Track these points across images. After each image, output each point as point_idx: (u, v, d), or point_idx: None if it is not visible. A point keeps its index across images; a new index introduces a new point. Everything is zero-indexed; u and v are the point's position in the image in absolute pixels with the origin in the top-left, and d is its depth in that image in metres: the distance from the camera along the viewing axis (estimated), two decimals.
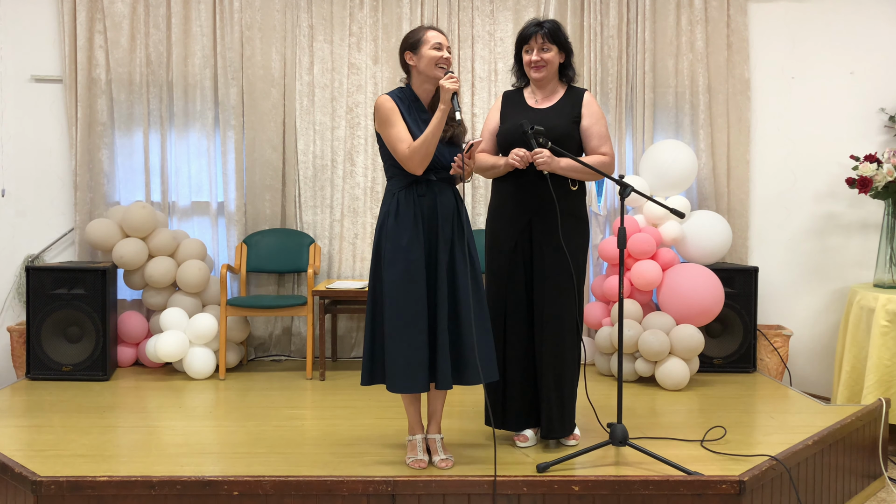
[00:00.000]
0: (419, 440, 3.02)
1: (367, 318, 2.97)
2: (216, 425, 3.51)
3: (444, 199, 2.93)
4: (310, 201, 4.93)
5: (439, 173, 2.92)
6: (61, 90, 4.81)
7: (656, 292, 4.48)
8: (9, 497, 2.87)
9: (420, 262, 2.86)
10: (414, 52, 2.92)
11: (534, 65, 3.15)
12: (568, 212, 3.12)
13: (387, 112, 2.89)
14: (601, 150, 3.14)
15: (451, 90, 2.79)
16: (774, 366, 4.59)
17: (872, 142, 4.85)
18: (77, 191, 4.76)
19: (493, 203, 3.25)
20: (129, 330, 4.58)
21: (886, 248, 4.34)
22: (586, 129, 3.15)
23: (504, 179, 3.19)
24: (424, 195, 2.91)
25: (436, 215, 2.90)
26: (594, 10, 4.85)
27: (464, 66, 4.91)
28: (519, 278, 3.14)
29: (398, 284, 2.85)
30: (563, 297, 3.09)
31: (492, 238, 3.21)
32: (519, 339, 3.15)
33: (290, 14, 4.86)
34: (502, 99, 3.30)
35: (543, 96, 3.22)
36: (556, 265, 3.09)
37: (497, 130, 3.24)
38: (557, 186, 3.10)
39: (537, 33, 3.12)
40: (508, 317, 3.15)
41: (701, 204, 4.88)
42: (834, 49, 4.87)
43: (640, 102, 4.87)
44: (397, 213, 2.90)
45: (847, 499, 3.34)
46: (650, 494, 2.74)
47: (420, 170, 2.85)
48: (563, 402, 3.12)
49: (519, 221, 3.13)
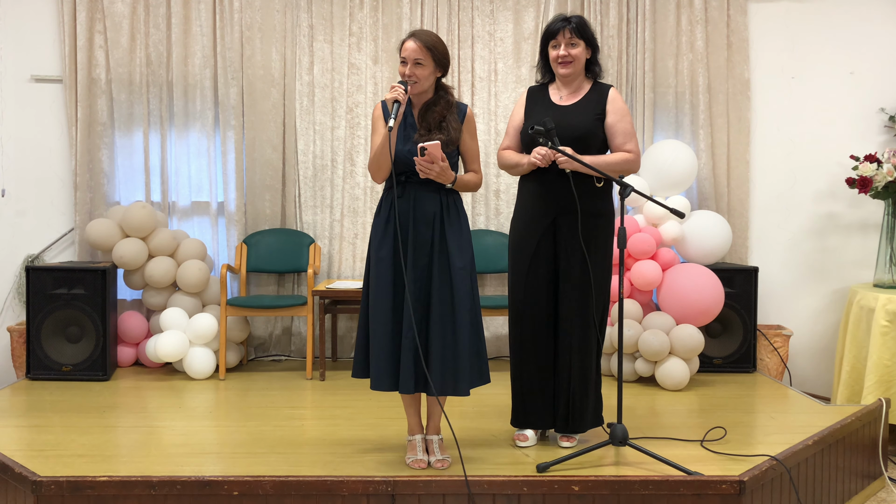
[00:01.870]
0: (419, 440, 3.03)
1: (360, 315, 3.03)
2: (216, 425, 3.51)
3: (424, 202, 2.93)
4: (310, 201, 4.93)
5: (413, 176, 2.93)
6: (61, 90, 4.81)
7: (656, 292, 4.48)
8: (9, 497, 2.87)
9: (387, 262, 2.90)
10: None
11: (561, 60, 3.13)
12: (592, 211, 3.12)
13: (373, 119, 3.00)
14: (626, 148, 3.13)
15: (389, 100, 2.85)
16: (774, 366, 4.59)
17: (872, 142, 4.85)
18: (77, 191, 4.76)
19: (519, 202, 3.25)
20: (129, 330, 4.58)
21: (886, 248, 4.34)
22: (611, 127, 3.14)
23: (528, 178, 3.20)
24: (401, 196, 2.94)
25: (410, 218, 2.92)
26: (594, 10, 4.85)
27: (464, 66, 4.91)
28: (543, 277, 3.15)
29: (373, 285, 2.94)
30: (587, 297, 3.11)
31: (516, 237, 3.21)
32: (542, 338, 3.16)
33: (290, 14, 4.86)
34: (527, 95, 3.28)
35: (569, 92, 3.20)
36: (581, 264, 3.10)
37: (521, 127, 3.22)
38: (582, 185, 3.09)
39: (565, 28, 3.10)
40: (532, 316, 3.15)
41: (701, 204, 4.88)
42: (834, 49, 4.87)
43: (640, 102, 4.87)
44: (378, 214, 2.99)
45: (847, 499, 3.34)
46: (650, 494, 2.74)
47: (379, 180, 2.95)
48: (588, 396, 3.15)
49: (543, 220, 3.13)
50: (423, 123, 2.95)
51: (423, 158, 2.84)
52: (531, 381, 3.19)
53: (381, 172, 2.92)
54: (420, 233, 2.91)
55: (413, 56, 2.89)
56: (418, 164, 2.85)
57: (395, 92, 2.84)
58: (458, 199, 3.02)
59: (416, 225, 2.91)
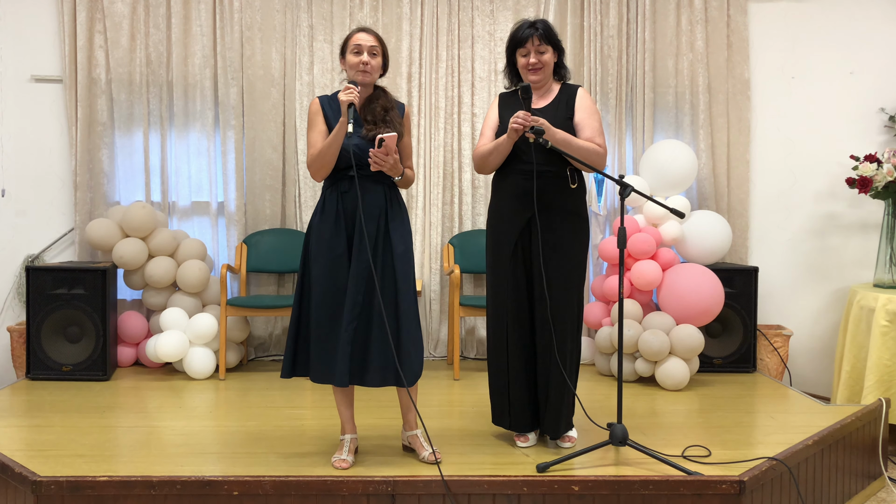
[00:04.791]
0: (347, 440, 3.03)
1: (292, 311, 3.00)
2: (216, 425, 3.51)
3: (371, 196, 2.94)
4: (310, 201, 4.93)
5: (362, 170, 2.93)
6: (61, 90, 4.81)
7: (656, 292, 4.48)
8: (9, 497, 2.87)
9: (343, 257, 2.91)
10: (343, 56, 2.99)
11: (531, 67, 3.14)
12: (568, 210, 3.12)
13: (310, 115, 2.99)
14: (595, 142, 3.13)
15: (345, 102, 2.83)
16: (774, 366, 4.59)
17: (872, 142, 4.85)
18: (77, 191, 4.76)
19: (494, 202, 3.24)
20: (129, 330, 4.58)
21: (886, 248, 4.34)
22: (579, 122, 3.14)
23: (504, 177, 3.19)
24: (347, 191, 2.94)
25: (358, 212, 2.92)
26: (594, 10, 4.85)
27: (464, 66, 4.91)
28: (520, 277, 3.14)
29: (322, 279, 2.91)
30: (563, 296, 3.09)
31: (492, 237, 3.20)
32: (521, 339, 3.15)
33: (290, 14, 4.87)
34: (499, 101, 3.29)
35: (539, 96, 3.21)
36: (556, 264, 3.09)
37: (497, 127, 3.23)
38: (557, 184, 3.10)
39: (533, 35, 3.10)
40: (511, 317, 3.14)
41: (701, 204, 4.88)
42: (834, 49, 4.87)
43: (640, 102, 4.87)
44: (323, 210, 2.96)
45: (847, 499, 3.34)
46: (650, 494, 2.74)
47: (319, 178, 2.95)
48: (564, 399, 3.12)
49: (519, 220, 3.13)
50: (369, 117, 2.96)
51: (379, 150, 2.83)
52: (507, 381, 3.17)
53: (324, 169, 2.92)
54: (367, 227, 2.92)
55: (369, 46, 2.93)
56: (373, 156, 2.84)
57: (351, 94, 2.84)
58: (399, 193, 3.06)
59: (365, 219, 2.91)
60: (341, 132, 2.85)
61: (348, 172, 2.93)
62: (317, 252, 2.94)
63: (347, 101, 2.83)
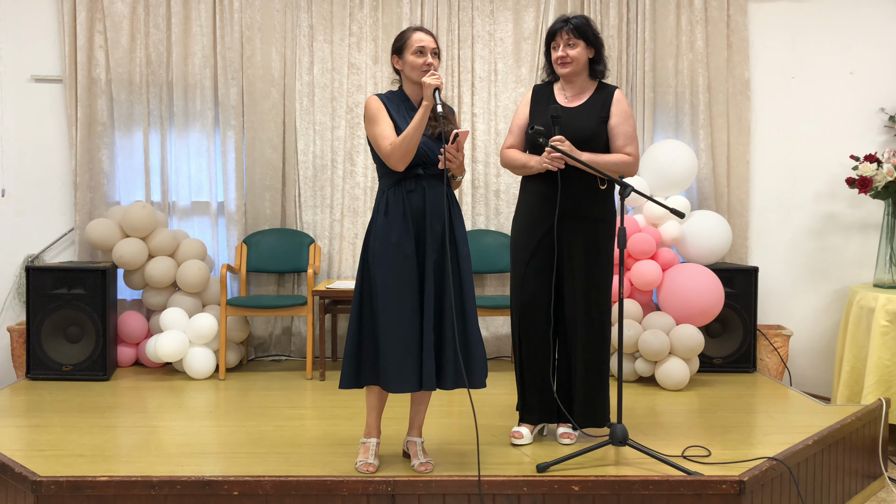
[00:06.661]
0: (373, 444, 2.99)
1: (352, 318, 2.91)
2: (216, 425, 3.51)
3: (435, 195, 2.89)
4: (310, 201, 4.93)
5: (428, 169, 2.89)
6: (61, 90, 4.81)
7: (656, 292, 4.48)
8: (9, 497, 2.87)
9: (412, 259, 2.84)
10: (400, 55, 2.94)
11: (560, 61, 3.16)
12: (595, 215, 3.16)
13: (373, 111, 2.89)
14: (626, 150, 3.16)
15: (432, 86, 2.77)
16: (774, 366, 4.59)
17: (872, 142, 4.85)
18: (77, 191, 4.76)
19: (521, 202, 3.27)
20: (129, 330, 4.58)
21: (886, 248, 4.34)
22: (613, 128, 3.17)
23: (532, 179, 3.22)
24: (413, 191, 2.89)
25: (424, 212, 2.88)
26: (594, 10, 4.85)
27: (464, 66, 4.91)
28: (544, 276, 3.17)
29: (390, 283, 2.83)
30: (592, 298, 3.16)
31: (517, 238, 3.23)
32: (543, 336, 3.18)
33: (290, 14, 4.86)
34: (532, 93, 3.29)
35: (573, 94, 3.22)
36: (584, 266, 3.14)
37: (525, 126, 3.23)
38: (585, 187, 3.12)
39: (563, 29, 3.13)
40: (533, 314, 3.17)
41: (701, 204, 4.88)
42: (834, 49, 4.87)
43: (640, 102, 4.87)
44: (387, 211, 2.88)
45: (847, 499, 3.34)
46: (650, 494, 2.74)
47: (402, 166, 2.83)
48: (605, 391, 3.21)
49: (545, 222, 3.15)
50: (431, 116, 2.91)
51: (452, 146, 2.80)
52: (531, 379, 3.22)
53: (408, 155, 2.81)
54: (434, 227, 2.88)
55: (432, 47, 2.89)
56: (448, 151, 2.79)
57: (437, 79, 2.78)
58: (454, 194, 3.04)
59: (432, 219, 2.87)
60: (426, 115, 2.78)
61: (415, 171, 2.88)
62: (382, 255, 2.84)
63: (434, 85, 2.77)
